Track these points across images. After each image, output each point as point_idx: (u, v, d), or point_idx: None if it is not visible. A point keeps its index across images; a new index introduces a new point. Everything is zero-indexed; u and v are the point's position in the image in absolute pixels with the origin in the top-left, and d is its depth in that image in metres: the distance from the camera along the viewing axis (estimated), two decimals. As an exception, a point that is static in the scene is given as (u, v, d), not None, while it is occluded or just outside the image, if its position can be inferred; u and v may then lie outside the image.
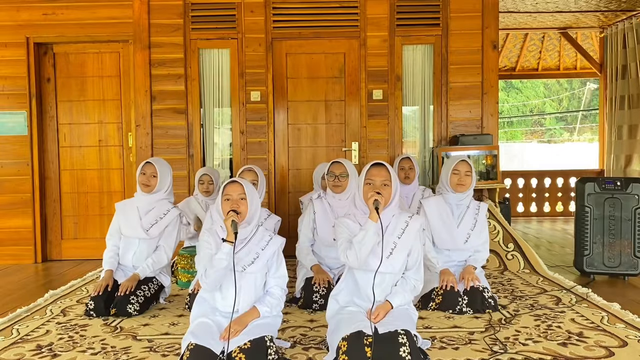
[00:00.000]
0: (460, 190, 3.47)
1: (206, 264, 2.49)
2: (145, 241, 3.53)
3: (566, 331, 2.84)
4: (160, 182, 3.54)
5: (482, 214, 3.56)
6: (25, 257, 5.28)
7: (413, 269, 2.68)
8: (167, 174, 3.60)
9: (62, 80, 5.38)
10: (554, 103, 23.11)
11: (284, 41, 5.30)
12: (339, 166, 3.62)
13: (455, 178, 3.47)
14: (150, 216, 3.54)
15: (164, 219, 3.56)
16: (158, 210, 3.57)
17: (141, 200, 3.56)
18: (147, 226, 3.51)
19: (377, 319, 2.48)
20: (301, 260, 3.66)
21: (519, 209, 8.41)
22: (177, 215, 3.61)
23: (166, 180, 3.59)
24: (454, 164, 3.47)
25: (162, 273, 3.63)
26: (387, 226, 2.63)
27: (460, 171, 3.46)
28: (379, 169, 2.61)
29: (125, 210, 3.57)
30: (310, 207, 3.72)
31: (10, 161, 5.26)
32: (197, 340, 2.32)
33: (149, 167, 3.54)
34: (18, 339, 2.89)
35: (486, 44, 5.23)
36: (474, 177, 3.50)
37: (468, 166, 3.47)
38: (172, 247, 3.59)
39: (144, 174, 3.53)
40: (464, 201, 3.53)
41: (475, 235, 3.49)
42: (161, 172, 3.54)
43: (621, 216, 4.05)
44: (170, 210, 3.59)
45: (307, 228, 3.68)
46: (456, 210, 3.53)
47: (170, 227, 3.58)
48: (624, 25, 7.30)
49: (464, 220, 3.51)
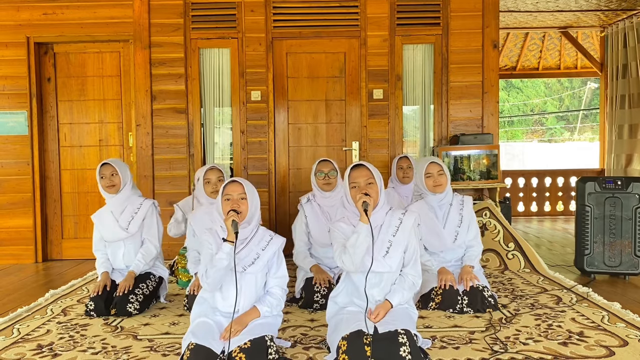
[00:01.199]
0: (438, 191, 3.48)
1: (207, 264, 2.49)
2: (130, 239, 3.55)
3: (567, 330, 2.84)
4: (122, 177, 3.54)
5: (467, 208, 3.55)
6: (25, 256, 5.28)
7: (410, 265, 2.68)
8: (125, 168, 3.60)
9: (63, 79, 5.38)
10: (555, 102, 23.10)
11: (285, 40, 5.30)
12: (326, 164, 3.66)
13: (430, 181, 3.48)
14: (126, 214, 3.56)
15: (139, 212, 3.58)
16: (131, 207, 3.59)
17: (112, 204, 3.57)
18: (125, 225, 3.53)
19: (377, 318, 2.48)
20: (299, 264, 3.67)
21: (519, 208, 8.41)
22: (151, 205, 3.62)
23: (126, 174, 3.59)
24: (425, 167, 3.48)
25: (157, 265, 3.66)
26: (381, 225, 2.63)
27: (432, 173, 3.47)
28: (360, 170, 2.61)
29: (102, 218, 3.59)
30: (300, 212, 3.75)
31: (11, 161, 5.27)
32: (197, 340, 2.32)
33: (106, 169, 3.52)
34: (19, 339, 2.89)
35: (487, 43, 5.23)
36: (448, 175, 3.50)
37: (439, 166, 3.48)
38: (156, 236, 3.61)
39: (103, 177, 3.51)
40: (445, 200, 3.53)
41: (463, 231, 3.49)
42: (119, 168, 3.54)
43: (622, 215, 4.05)
44: (142, 203, 3.61)
45: (301, 233, 3.70)
46: (439, 211, 3.53)
47: (148, 219, 3.60)
48: (624, 25, 7.30)
49: (449, 218, 3.51)
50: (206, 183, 3.72)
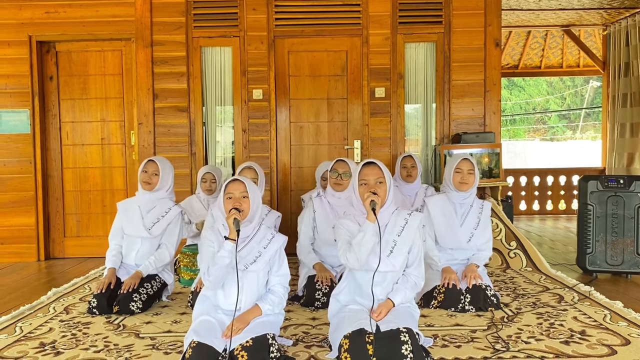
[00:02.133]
0: (463, 189, 3.46)
1: (209, 262, 2.49)
2: (148, 240, 3.53)
3: (568, 329, 2.84)
4: (161, 180, 3.54)
5: (485, 212, 3.54)
6: (28, 255, 5.29)
7: (413, 266, 2.68)
8: (169, 173, 3.60)
9: (65, 78, 5.39)
10: (557, 101, 23.06)
11: (286, 39, 5.29)
12: (343, 165, 3.63)
13: (457, 177, 3.46)
14: (152, 215, 3.54)
15: (166, 217, 3.56)
16: (160, 209, 3.57)
17: (142, 199, 3.57)
18: (150, 225, 3.51)
19: (379, 317, 2.48)
20: (302, 259, 3.66)
21: (521, 207, 8.40)
22: (179, 213, 3.61)
23: (168, 179, 3.59)
24: (457, 162, 3.46)
25: (164, 270, 3.64)
26: (386, 224, 2.63)
27: (462, 170, 3.45)
28: (371, 168, 2.61)
29: (127, 209, 3.57)
30: (310, 205, 3.72)
31: (13, 159, 5.28)
32: (199, 338, 2.32)
33: (151, 165, 3.54)
34: (21, 337, 2.90)
35: (489, 41, 5.22)
36: (477, 176, 3.48)
37: (471, 164, 3.45)
38: (174, 244, 3.60)
39: (145, 172, 3.53)
40: (468, 200, 3.51)
41: (479, 234, 3.48)
42: (163, 170, 3.55)
43: (624, 214, 4.04)
44: (171, 209, 3.59)
45: (307, 226, 3.68)
46: (459, 209, 3.52)
47: (172, 225, 3.58)
48: (627, 23, 7.28)
49: (467, 219, 3.50)
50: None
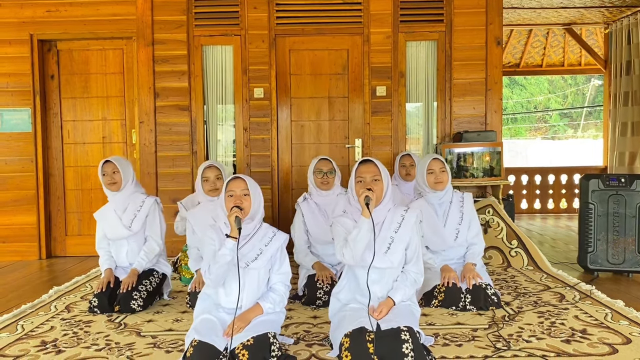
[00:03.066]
0: (439, 188, 3.47)
1: (210, 260, 2.49)
2: (133, 237, 3.56)
3: (570, 328, 2.84)
4: (124, 175, 3.54)
5: (467, 205, 3.54)
6: (29, 253, 5.30)
7: (412, 262, 2.68)
8: (126, 165, 3.60)
9: (66, 77, 5.39)
10: (558, 99, 23.03)
11: (287, 38, 5.29)
12: (326, 163, 3.66)
13: (431, 177, 3.47)
14: (128, 212, 3.57)
15: (142, 210, 3.58)
16: (133, 205, 3.59)
17: (115, 201, 3.58)
18: (128, 223, 3.54)
19: (380, 315, 2.48)
20: (301, 262, 3.68)
21: (522, 205, 8.40)
22: (153, 203, 3.62)
23: (129, 173, 3.59)
24: (427, 163, 3.48)
25: (160, 262, 3.67)
26: (383, 221, 2.64)
27: (434, 169, 3.47)
28: (368, 166, 2.61)
29: (104, 216, 3.59)
30: (298, 211, 3.76)
31: (15, 158, 5.28)
32: (200, 336, 2.32)
33: (108, 166, 3.53)
34: (23, 335, 2.90)
35: (490, 40, 5.22)
36: (449, 172, 3.50)
37: (441, 163, 3.47)
38: (158, 233, 3.62)
39: (105, 175, 3.52)
40: (445, 198, 3.52)
41: (464, 229, 3.47)
42: (121, 166, 3.54)
43: (625, 213, 4.04)
44: (145, 201, 3.61)
45: (300, 231, 3.71)
46: (439, 209, 3.52)
47: (151, 216, 3.61)
48: (628, 21, 7.26)
49: (449, 216, 3.50)
50: (204, 181, 3.63)
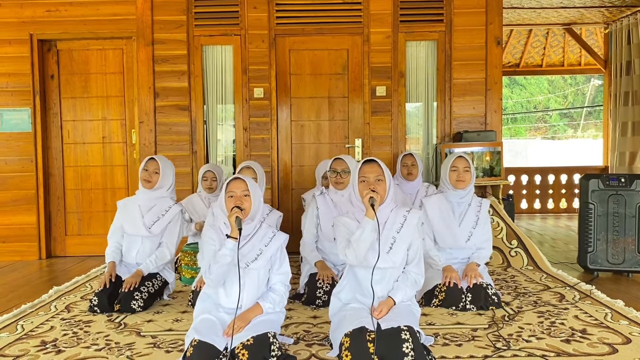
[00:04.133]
0: (460, 186, 3.46)
1: (210, 260, 2.49)
2: (148, 239, 3.54)
3: (569, 328, 2.84)
4: (162, 179, 3.54)
5: (483, 211, 3.54)
6: (29, 253, 5.30)
7: (413, 263, 2.68)
8: (169, 171, 3.60)
9: (66, 77, 5.39)
10: (558, 99, 23.02)
11: (287, 37, 5.29)
12: (340, 163, 3.63)
13: (454, 175, 3.46)
14: (152, 213, 3.55)
15: (166, 215, 3.56)
16: (159, 207, 3.57)
17: (142, 198, 3.57)
18: (150, 224, 3.52)
19: (380, 315, 2.48)
20: (305, 256, 3.67)
21: (522, 205, 8.40)
22: (179, 212, 3.61)
23: (168, 178, 3.59)
24: (452, 160, 3.47)
25: (165, 269, 3.64)
26: (385, 221, 2.64)
27: (458, 167, 3.46)
28: (371, 166, 2.62)
29: (127, 208, 3.57)
30: (313, 203, 3.73)
31: (15, 158, 5.28)
32: (200, 336, 2.32)
33: (151, 164, 3.54)
34: (23, 335, 2.90)
35: (490, 40, 5.22)
36: (473, 173, 3.48)
37: (466, 162, 3.46)
38: (174, 243, 3.60)
39: (146, 170, 3.53)
40: (465, 199, 3.51)
41: (478, 233, 3.47)
42: (164, 169, 3.55)
43: (625, 213, 4.04)
44: (171, 207, 3.60)
45: (310, 224, 3.68)
46: (457, 208, 3.52)
47: (172, 224, 3.59)
48: (628, 21, 7.27)
49: (465, 218, 3.50)
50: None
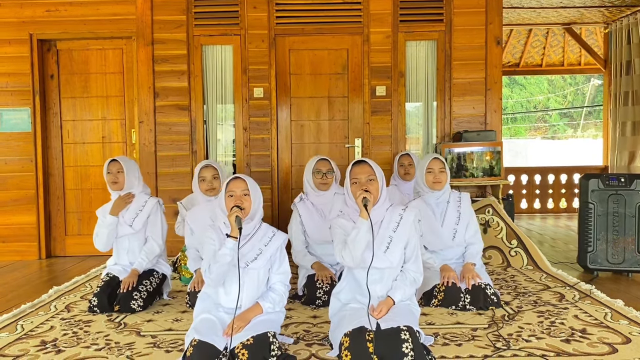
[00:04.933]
0: (437, 187, 3.48)
1: (210, 260, 2.49)
2: (134, 236, 3.57)
3: (569, 328, 2.84)
4: (127, 177, 3.55)
5: (464, 205, 3.54)
6: (29, 253, 5.30)
7: (411, 261, 2.68)
8: (133, 168, 3.61)
9: (66, 76, 5.39)
10: (558, 99, 23.03)
11: (287, 37, 5.29)
12: (325, 163, 3.66)
13: (430, 177, 3.48)
14: (130, 211, 3.58)
15: (144, 210, 3.60)
16: (136, 204, 3.60)
17: None
18: (130, 221, 3.55)
19: (379, 314, 2.48)
20: (299, 263, 3.67)
21: (522, 205, 8.40)
22: (155, 203, 3.64)
23: (134, 174, 3.60)
24: (427, 162, 3.49)
25: (160, 262, 3.68)
26: (381, 221, 2.64)
27: (434, 169, 3.48)
28: (362, 166, 2.62)
29: (105, 213, 3.58)
30: (294, 212, 3.75)
31: (14, 158, 5.28)
32: (200, 336, 2.32)
33: (113, 165, 3.55)
34: (22, 335, 2.90)
35: (490, 39, 5.22)
36: (448, 173, 3.51)
37: (441, 163, 3.48)
38: (159, 234, 3.63)
39: (109, 173, 3.54)
40: (443, 197, 3.52)
41: (462, 229, 3.48)
42: (127, 166, 3.56)
43: (625, 213, 4.04)
44: (147, 201, 3.63)
45: (297, 232, 3.70)
46: (437, 209, 3.53)
47: (152, 217, 3.62)
48: (628, 21, 7.27)
49: (447, 216, 3.50)
50: (201, 181, 3.63)
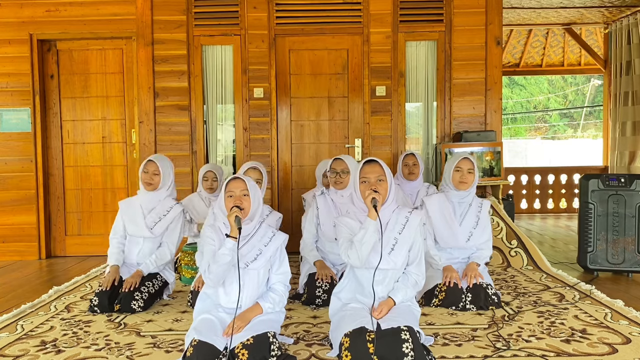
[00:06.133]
0: (462, 188, 3.45)
1: (209, 260, 2.50)
2: (150, 239, 3.54)
3: (569, 328, 2.84)
4: (163, 180, 3.55)
5: (484, 211, 3.53)
6: (29, 253, 5.30)
7: (414, 264, 2.68)
8: (169, 171, 3.60)
9: (66, 76, 5.39)
10: (558, 99, 23.03)
11: (287, 37, 5.29)
12: (340, 163, 3.64)
13: (457, 175, 3.45)
14: (154, 214, 3.55)
15: (167, 216, 3.57)
16: (161, 208, 3.57)
17: (144, 199, 3.57)
18: (151, 224, 3.52)
19: (380, 315, 2.48)
20: (305, 255, 3.67)
21: (522, 205, 8.40)
22: (180, 212, 3.61)
23: (169, 178, 3.60)
24: (457, 161, 3.45)
25: (166, 269, 3.64)
26: (387, 222, 2.64)
27: (462, 169, 3.44)
28: (372, 166, 2.61)
29: (129, 208, 3.57)
30: (313, 203, 3.73)
31: (14, 158, 5.28)
32: (200, 336, 2.32)
33: (151, 165, 3.54)
34: (22, 335, 2.90)
35: (490, 40, 5.22)
36: (476, 175, 3.46)
37: (471, 163, 3.44)
38: (175, 243, 3.60)
39: (146, 172, 3.53)
40: (466, 199, 3.50)
41: (478, 234, 3.47)
42: (163, 169, 3.55)
43: (625, 213, 4.04)
44: (172, 207, 3.60)
45: (310, 224, 3.68)
46: (458, 208, 3.51)
47: (173, 225, 3.59)
48: (628, 21, 7.27)
49: (466, 218, 3.49)
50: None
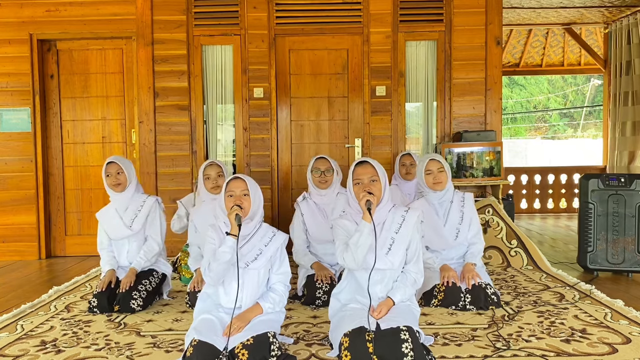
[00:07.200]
0: (438, 188, 3.46)
1: (210, 258, 2.50)
2: (134, 237, 3.57)
3: (569, 328, 2.84)
4: (128, 176, 3.55)
5: (467, 205, 3.52)
6: (29, 253, 5.30)
7: (412, 262, 2.68)
8: (129, 165, 3.61)
9: (66, 76, 5.39)
10: (558, 99, 23.03)
11: (287, 37, 5.29)
12: (323, 162, 3.66)
13: (430, 178, 3.46)
14: (130, 212, 3.57)
15: (142, 210, 3.59)
16: (134, 204, 3.59)
17: (117, 202, 3.58)
18: (129, 222, 3.55)
19: (379, 315, 2.48)
20: (300, 262, 3.67)
21: (522, 205, 8.40)
22: (154, 202, 3.62)
23: (131, 172, 3.60)
24: (425, 164, 3.47)
25: (159, 261, 3.67)
26: (383, 222, 2.64)
27: (432, 170, 3.45)
28: (364, 167, 2.61)
29: (106, 216, 3.59)
30: (297, 210, 3.76)
31: (14, 158, 5.28)
32: (200, 336, 2.32)
33: (112, 167, 3.52)
34: (22, 335, 2.90)
35: (490, 40, 5.22)
36: (448, 172, 3.48)
37: (439, 163, 3.45)
38: (158, 233, 3.62)
39: (109, 176, 3.52)
40: (446, 197, 3.51)
41: (465, 228, 3.47)
42: (125, 167, 3.55)
43: (625, 213, 4.04)
44: (145, 200, 3.62)
45: (299, 231, 3.70)
46: (440, 208, 3.52)
47: (151, 216, 3.61)
48: (628, 21, 7.27)
49: (450, 216, 3.49)
50: (206, 179, 3.66)
